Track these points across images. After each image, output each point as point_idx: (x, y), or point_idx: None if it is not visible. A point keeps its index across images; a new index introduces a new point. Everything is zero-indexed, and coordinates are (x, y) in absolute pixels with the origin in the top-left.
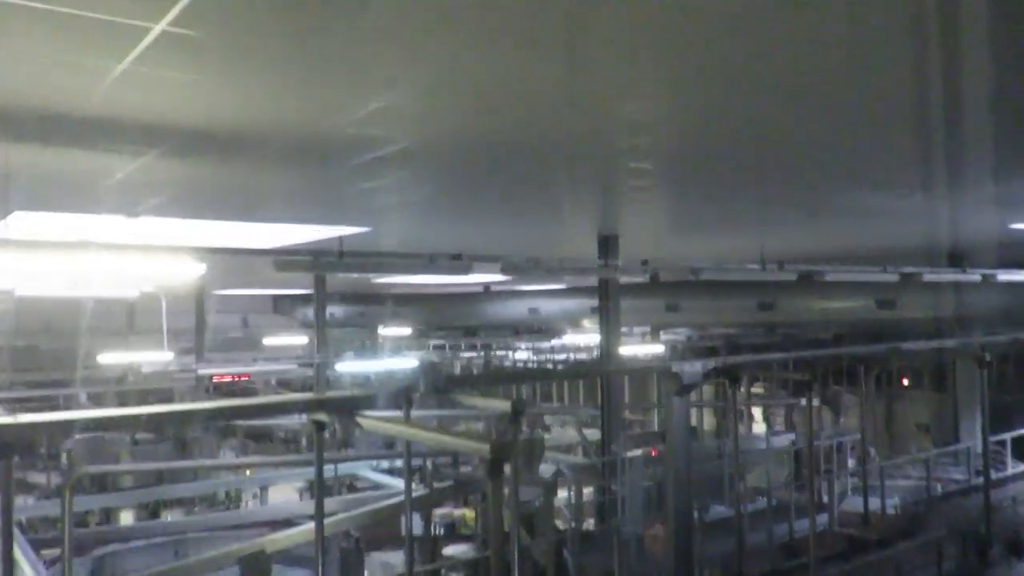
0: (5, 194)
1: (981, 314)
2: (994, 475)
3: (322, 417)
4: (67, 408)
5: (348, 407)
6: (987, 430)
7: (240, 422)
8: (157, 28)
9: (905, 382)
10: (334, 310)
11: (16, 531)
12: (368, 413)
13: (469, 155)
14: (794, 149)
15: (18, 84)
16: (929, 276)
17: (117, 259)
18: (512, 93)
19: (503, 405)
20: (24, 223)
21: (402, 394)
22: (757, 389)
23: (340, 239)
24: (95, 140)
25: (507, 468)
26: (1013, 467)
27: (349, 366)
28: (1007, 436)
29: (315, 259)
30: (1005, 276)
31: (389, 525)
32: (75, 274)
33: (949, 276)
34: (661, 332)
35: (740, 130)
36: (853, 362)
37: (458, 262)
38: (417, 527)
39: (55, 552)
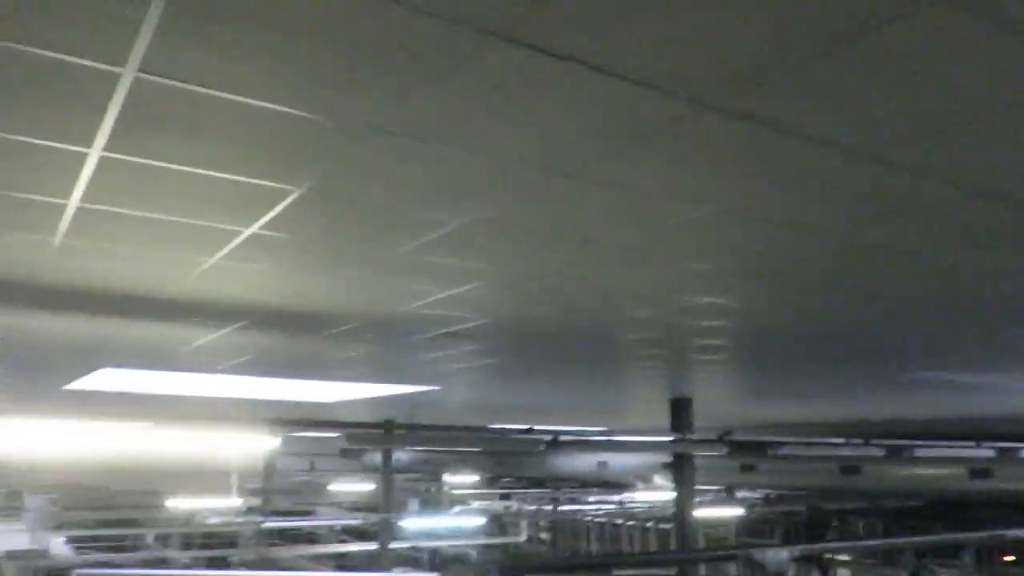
0: (96, 357)
1: None
2: None
3: None
4: (135, 548)
5: None
6: None
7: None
8: (247, 232)
9: (1008, 558)
10: (400, 455)
11: None
12: None
13: (539, 334)
14: (868, 338)
15: (111, 273)
16: None
17: (193, 432)
18: (586, 288)
19: None
20: (109, 378)
21: None
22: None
23: (411, 409)
24: (179, 318)
25: None
26: None
27: (414, 522)
28: None
29: (385, 434)
30: None
31: None
32: (147, 433)
33: None
34: (736, 491)
35: (815, 320)
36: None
37: (528, 436)
38: None
39: None
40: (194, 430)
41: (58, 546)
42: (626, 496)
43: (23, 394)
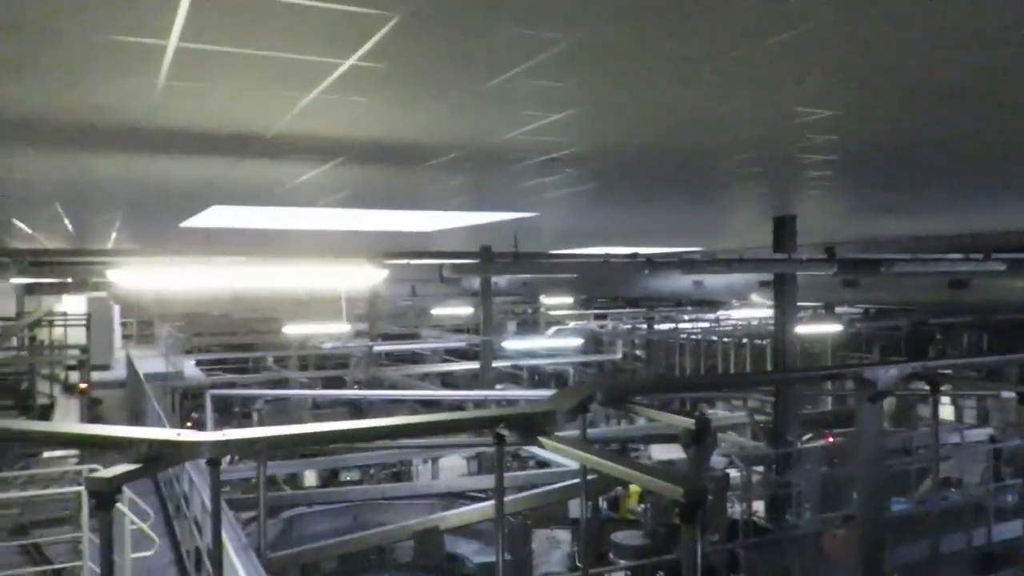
0: (205, 195)
1: None
2: None
3: (504, 432)
4: (256, 370)
5: (529, 425)
6: None
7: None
8: (346, 64)
9: None
10: (497, 279)
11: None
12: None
13: (639, 158)
14: (994, 149)
15: (216, 113)
16: None
17: (302, 265)
18: (689, 109)
19: (685, 422)
20: (220, 215)
21: (582, 407)
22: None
23: (515, 237)
24: (282, 154)
25: None
26: None
27: (513, 343)
28: None
29: (485, 262)
30: None
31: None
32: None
33: None
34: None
35: (925, 134)
36: None
37: (627, 260)
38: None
39: (251, 514)
40: (303, 263)
41: (190, 368)
42: (721, 314)
43: (145, 233)
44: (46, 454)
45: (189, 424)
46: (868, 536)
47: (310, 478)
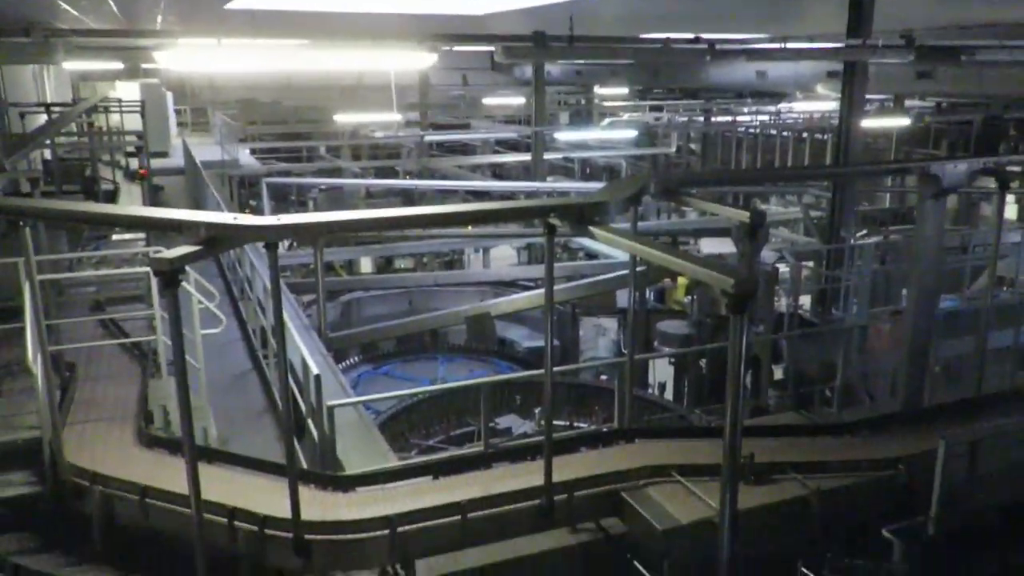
0: None
1: None
2: None
3: (555, 222)
4: (309, 160)
5: (580, 215)
6: None
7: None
8: None
9: None
10: (550, 68)
11: (281, 281)
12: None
13: None
14: None
15: None
16: None
17: (351, 49)
18: None
19: (740, 215)
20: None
21: (635, 198)
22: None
23: (570, 19)
24: None
25: None
26: None
27: (566, 134)
28: None
29: (538, 46)
30: None
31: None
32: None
33: None
34: (906, 100)
35: None
36: None
37: (687, 47)
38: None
39: (311, 297)
40: (352, 47)
41: (245, 157)
42: (783, 106)
43: (191, 15)
44: (115, 236)
45: (248, 211)
46: (915, 331)
47: (366, 265)
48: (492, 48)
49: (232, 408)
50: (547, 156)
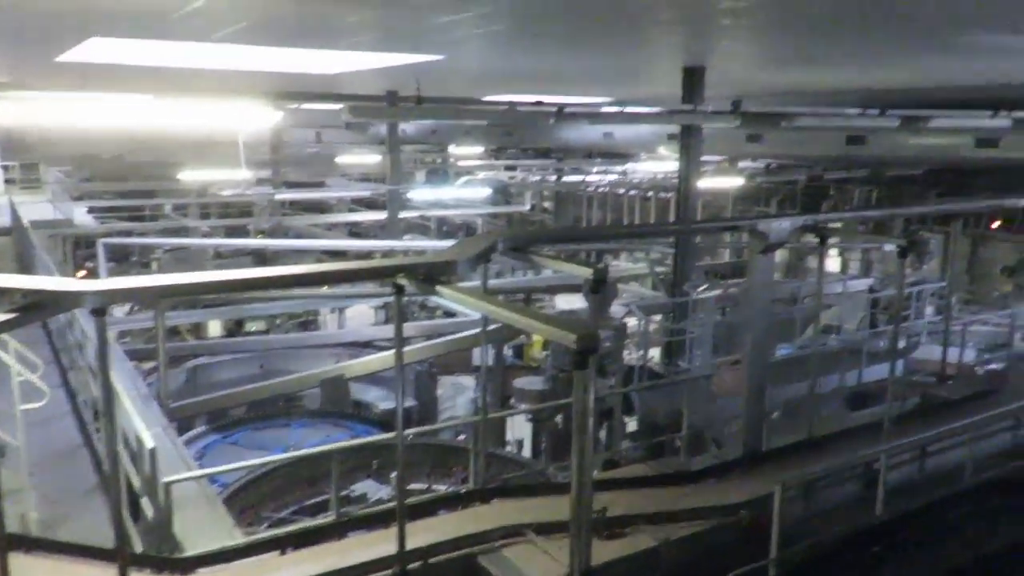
0: (83, 23)
1: None
2: None
3: (403, 282)
4: (153, 218)
5: (428, 275)
6: None
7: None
8: None
9: (995, 224)
10: (405, 127)
11: (117, 348)
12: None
13: None
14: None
15: None
16: None
17: (196, 104)
18: None
19: (584, 271)
20: (101, 49)
21: (483, 257)
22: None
23: (417, 83)
24: None
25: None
26: None
27: (421, 193)
28: None
29: (390, 106)
30: None
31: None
32: (151, 106)
33: None
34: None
35: None
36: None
37: (536, 108)
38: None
39: (153, 364)
40: (197, 102)
41: (81, 215)
42: (629, 166)
43: (17, 66)
44: None
45: (83, 274)
46: (753, 377)
47: (215, 328)
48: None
49: (59, 488)
50: (403, 214)
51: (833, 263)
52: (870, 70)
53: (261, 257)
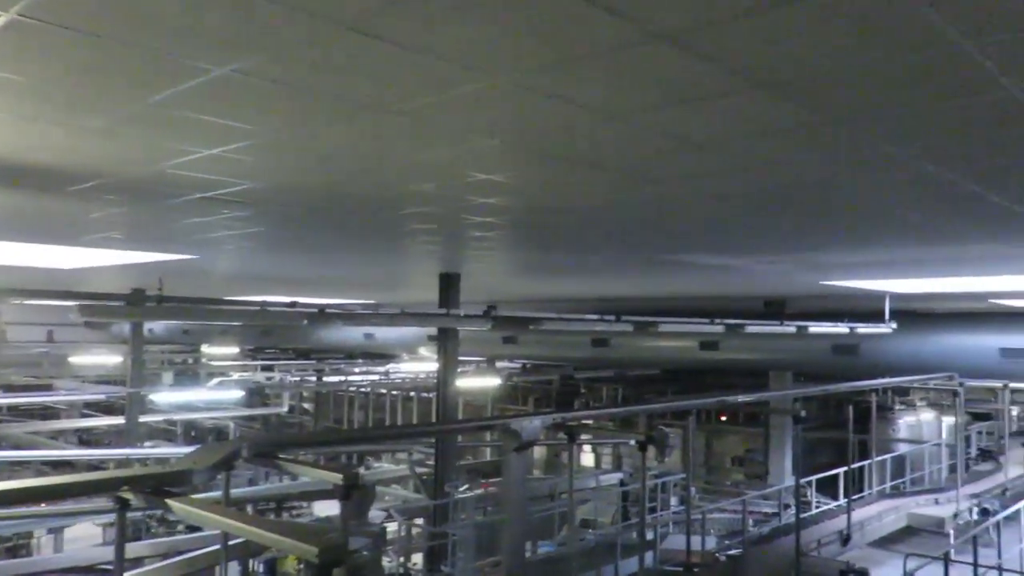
0: None
1: (793, 360)
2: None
3: (127, 496)
4: None
5: (158, 486)
6: (798, 475)
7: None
8: None
9: (723, 418)
10: (153, 326)
11: None
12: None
13: (310, 204)
14: (638, 219)
15: None
16: (751, 328)
17: None
18: (363, 158)
19: (332, 477)
20: None
21: (224, 464)
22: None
23: (160, 281)
24: None
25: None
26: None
27: (167, 395)
28: (813, 478)
29: (131, 306)
30: (816, 328)
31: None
32: None
33: (767, 328)
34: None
35: (586, 201)
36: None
37: (292, 310)
38: (235, 573)
39: None
40: None
41: None
42: (391, 367)
43: None
44: None
45: None
46: None
47: None
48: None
49: None
50: (145, 419)
51: (588, 458)
52: (606, 282)
53: None
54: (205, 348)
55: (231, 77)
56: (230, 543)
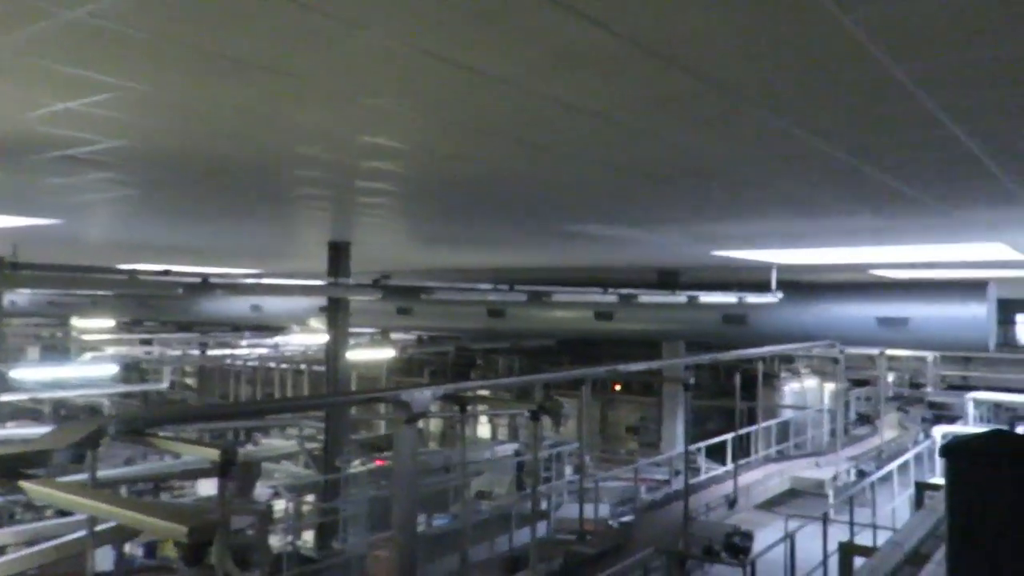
0: None
1: (685, 329)
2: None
3: None
4: None
5: (11, 467)
6: (688, 443)
7: None
8: None
9: (618, 388)
10: (15, 298)
11: None
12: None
13: (186, 165)
14: (531, 189)
15: None
16: (644, 298)
17: None
18: (246, 117)
19: (208, 453)
20: None
21: (89, 443)
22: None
23: (14, 247)
24: None
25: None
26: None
27: (30, 372)
28: (702, 444)
29: None
30: (706, 298)
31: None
32: None
33: (660, 298)
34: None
35: (479, 169)
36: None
37: (167, 279)
38: (109, 559)
39: None
40: None
41: None
42: (281, 339)
43: None
44: None
45: None
46: (404, 554)
47: None
48: None
49: None
50: (8, 398)
51: (484, 430)
52: (503, 253)
53: None
54: (75, 321)
55: (84, 21)
56: (99, 527)
